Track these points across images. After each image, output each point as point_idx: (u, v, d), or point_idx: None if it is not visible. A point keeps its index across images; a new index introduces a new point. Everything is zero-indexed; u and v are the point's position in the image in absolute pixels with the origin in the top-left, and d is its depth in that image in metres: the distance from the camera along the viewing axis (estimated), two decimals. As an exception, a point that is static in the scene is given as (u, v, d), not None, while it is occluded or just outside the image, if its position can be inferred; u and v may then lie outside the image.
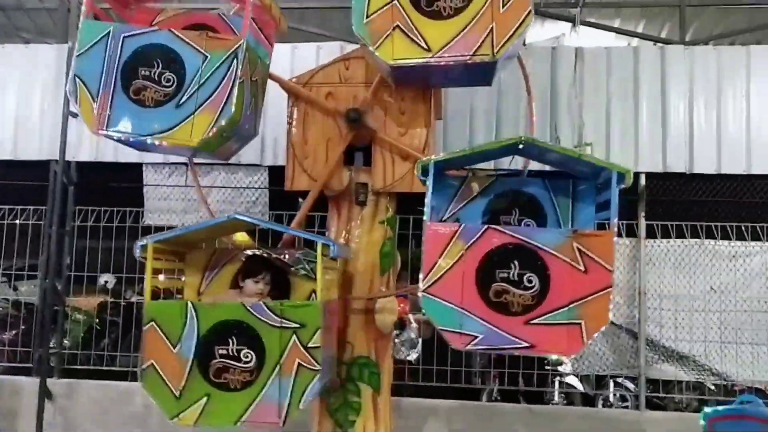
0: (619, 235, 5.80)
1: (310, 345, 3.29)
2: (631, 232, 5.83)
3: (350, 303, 4.15)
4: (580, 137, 5.80)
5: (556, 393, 6.13)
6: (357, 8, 3.57)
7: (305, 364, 3.29)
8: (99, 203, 6.15)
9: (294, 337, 3.29)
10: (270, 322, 3.31)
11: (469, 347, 3.25)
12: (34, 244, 6.23)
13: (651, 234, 5.84)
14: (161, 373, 3.35)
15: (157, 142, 3.56)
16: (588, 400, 6.16)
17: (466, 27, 3.46)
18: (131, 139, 3.61)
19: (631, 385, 6.03)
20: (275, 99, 4.42)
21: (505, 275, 3.22)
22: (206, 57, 3.56)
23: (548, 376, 6.10)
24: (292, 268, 3.91)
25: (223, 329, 3.33)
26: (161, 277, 3.71)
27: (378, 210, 4.20)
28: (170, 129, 3.53)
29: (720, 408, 3.88)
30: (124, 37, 3.61)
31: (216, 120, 3.50)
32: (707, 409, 3.83)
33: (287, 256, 3.94)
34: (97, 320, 6.60)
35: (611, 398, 6.11)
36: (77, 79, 3.62)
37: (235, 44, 3.55)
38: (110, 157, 6.18)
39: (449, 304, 3.25)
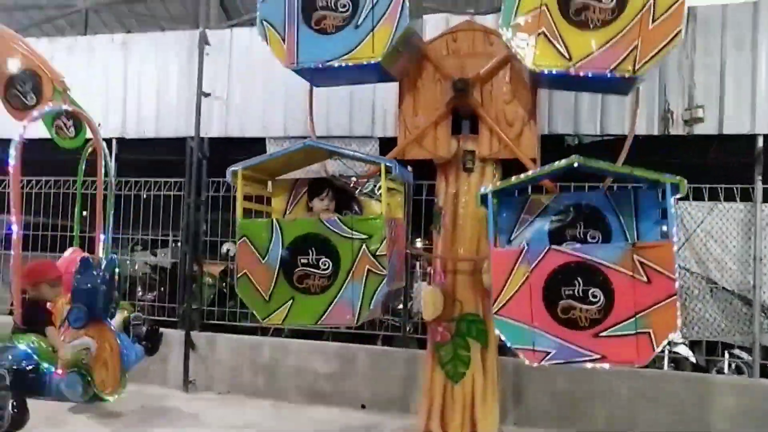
0: (733, 199, 5.65)
1: (377, 253, 3.67)
2: (746, 197, 5.60)
3: (458, 264, 4.40)
4: (690, 99, 5.62)
5: (666, 363, 6.04)
6: (507, 5, 3.71)
7: (374, 270, 3.67)
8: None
9: (363, 246, 3.67)
10: (343, 234, 3.71)
11: (543, 363, 3.43)
12: (167, 215, 6.75)
13: (768, 198, 5.59)
14: (253, 280, 3.84)
15: (343, 64, 3.92)
16: (700, 372, 5.96)
17: (610, 40, 3.50)
18: (320, 66, 3.99)
19: (746, 356, 5.79)
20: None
21: (571, 292, 3.37)
22: None
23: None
24: (359, 190, 4.40)
25: (304, 241, 3.78)
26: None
27: (485, 176, 4.36)
28: (353, 49, 3.90)
29: None
30: None
31: (395, 31, 3.83)
32: None
33: (359, 184, 4.42)
34: (224, 284, 7.26)
35: (725, 369, 5.91)
36: (264, 23, 4.07)
37: None
38: (237, 133, 6.67)
39: (520, 323, 3.45)
